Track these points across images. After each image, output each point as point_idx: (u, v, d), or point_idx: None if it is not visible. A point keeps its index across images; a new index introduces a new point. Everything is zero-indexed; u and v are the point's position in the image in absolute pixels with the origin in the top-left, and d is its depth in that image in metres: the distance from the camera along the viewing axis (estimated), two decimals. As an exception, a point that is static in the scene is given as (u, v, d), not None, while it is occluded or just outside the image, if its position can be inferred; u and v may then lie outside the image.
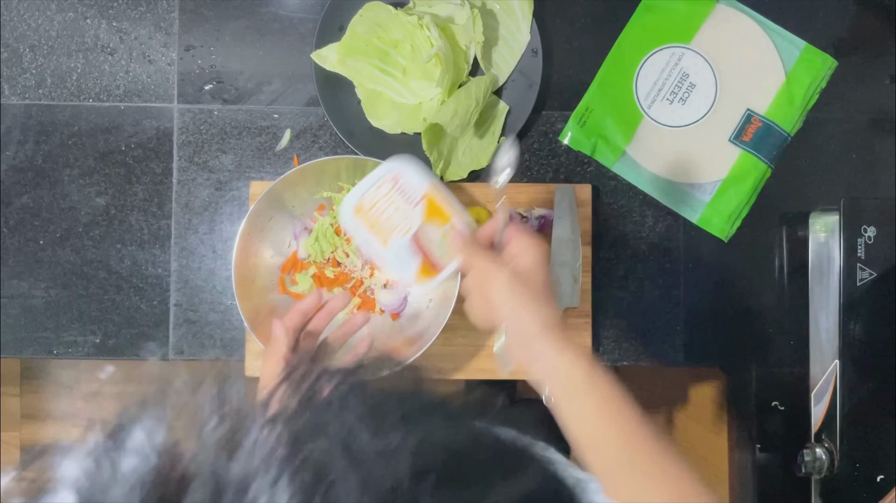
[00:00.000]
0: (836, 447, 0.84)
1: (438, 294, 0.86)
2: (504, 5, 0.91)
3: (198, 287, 0.93)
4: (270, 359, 0.72)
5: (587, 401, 0.60)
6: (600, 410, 0.60)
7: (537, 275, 0.64)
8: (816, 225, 0.89)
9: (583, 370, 0.60)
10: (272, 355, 0.71)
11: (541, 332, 0.62)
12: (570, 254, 0.91)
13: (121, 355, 0.92)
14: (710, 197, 0.93)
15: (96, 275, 0.93)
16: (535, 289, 0.64)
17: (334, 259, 0.88)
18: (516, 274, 0.64)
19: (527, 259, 0.65)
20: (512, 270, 0.64)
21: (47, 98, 0.93)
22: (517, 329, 0.64)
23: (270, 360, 0.72)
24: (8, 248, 0.92)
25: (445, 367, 0.91)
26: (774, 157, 0.93)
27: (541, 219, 0.89)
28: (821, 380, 0.87)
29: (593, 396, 0.60)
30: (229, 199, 0.93)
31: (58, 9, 0.93)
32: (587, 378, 0.60)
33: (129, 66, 0.94)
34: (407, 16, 0.87)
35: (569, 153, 0.94)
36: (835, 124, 0.95)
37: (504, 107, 0.92)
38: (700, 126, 0.93)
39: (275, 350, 0.71)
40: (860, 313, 0.83)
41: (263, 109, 0.94)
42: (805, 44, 0.94)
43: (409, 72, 0.90)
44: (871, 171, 0.94)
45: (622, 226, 0.94)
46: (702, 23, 0.94)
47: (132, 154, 0.93)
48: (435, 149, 0.88)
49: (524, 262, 0.65)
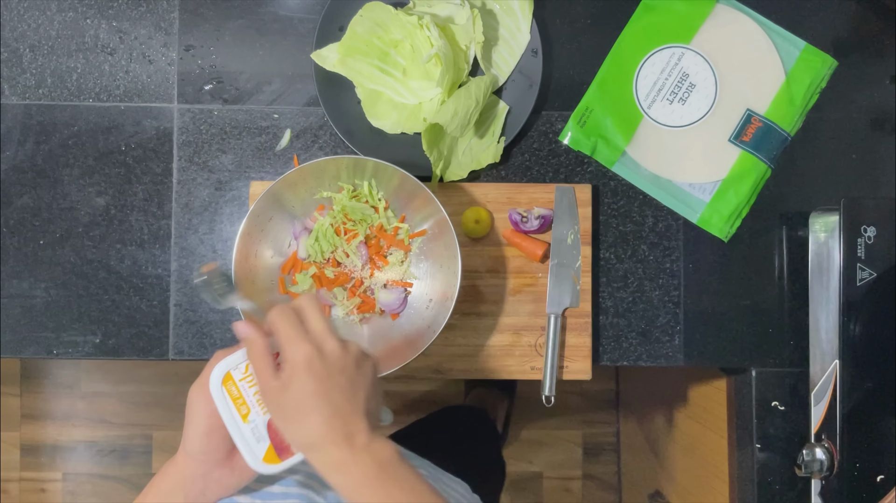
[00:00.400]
0: (836, 447, 0.84)
1: (438, 294, 0.86)
2: (504, 5, 0.91)
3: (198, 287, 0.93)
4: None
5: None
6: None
7: (297, 389, 0.59)
8: (816, 225, 0.89)
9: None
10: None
11: (325, 459, 0.59)
12: (570, 255, 0.91)
13: (121, 355, 0.92)
14: (710, 197, 0.93)
15: (96, 275, 0.93)
16: (283, 412, 0.60)
17: (334, 259, 0.88)
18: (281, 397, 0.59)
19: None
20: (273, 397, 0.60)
21: (47, 98, 0.93)
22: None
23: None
24: (8, 248, 0.92)
25: (445, 367, 0.91)
26: (774, 157, 0.93)
27: (541, 219, 0.89)
28: (821, 380, 0.87)
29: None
30: (229, 199, 0.93)
31: (58, 9, 0.94)
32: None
33: (129, 66, 0.94)
34: (407, 16, 0.87)
35: (569, 153, 0.94)
36: (835, 124, 0.95)
37: (504, 107, 0.92)
38: (700, 126, 0.93)
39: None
40: (860, 313, 0.83)
41: (263, 109, 0.94)
42: (805, 44, 0.94)
43: (409, 72, 0.90)
44: (871, 171, 0.94)
45: (622, 226, 0.94)
46: (702, 23, 0.94)
47: (132, 154, 0.93)
48: (435, 149, 0.88)
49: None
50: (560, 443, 1.92)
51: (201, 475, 0.64)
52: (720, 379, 1.02)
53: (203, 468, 0.64)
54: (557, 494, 1.91)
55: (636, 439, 1.70)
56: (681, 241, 0.94)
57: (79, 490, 1.94)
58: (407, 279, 0.89)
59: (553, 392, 0.89)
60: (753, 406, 0.92)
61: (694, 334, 0.93)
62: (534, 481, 1.91)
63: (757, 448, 0.92)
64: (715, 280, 0.93)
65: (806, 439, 0.90)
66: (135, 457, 1.94)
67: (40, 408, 1.94)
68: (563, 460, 1.91)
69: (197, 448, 0.63)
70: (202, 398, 0.63)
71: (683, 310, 0.93)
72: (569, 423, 1.91)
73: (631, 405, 1.77)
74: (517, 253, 0.92)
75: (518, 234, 0.91)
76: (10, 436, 1.94)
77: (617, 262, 0.93)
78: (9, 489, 1.92)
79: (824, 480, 0.86)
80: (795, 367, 0.92)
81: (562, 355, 0.91)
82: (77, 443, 1.94)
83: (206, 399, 0.63)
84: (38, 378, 1.94)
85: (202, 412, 0.63)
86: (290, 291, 0.88)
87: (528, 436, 1.91)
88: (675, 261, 0.93)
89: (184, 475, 0.64)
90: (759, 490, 0.92)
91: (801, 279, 0.91)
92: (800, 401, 0.91)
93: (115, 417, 1.94)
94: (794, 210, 0.93)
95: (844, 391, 0.83)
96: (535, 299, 0.91)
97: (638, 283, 0.93)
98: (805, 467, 0.85)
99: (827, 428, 0.85)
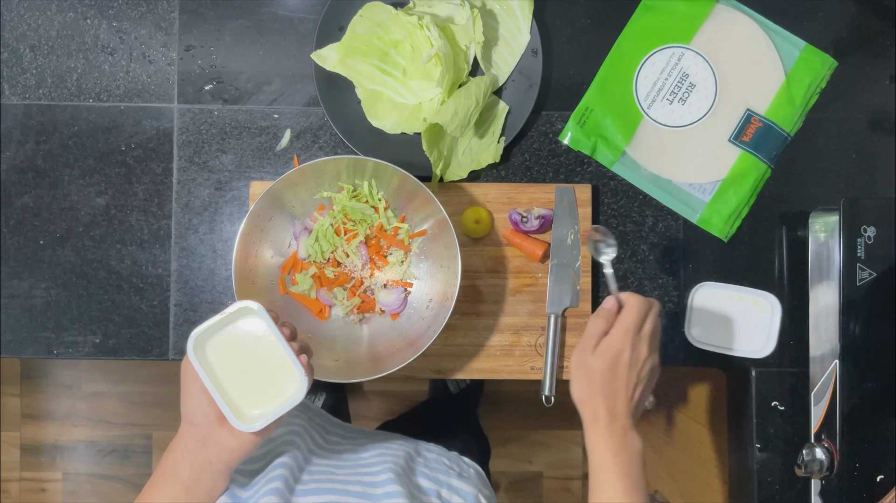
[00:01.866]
0: (835, 447, 0.84)
1: (438, 294, 0.86)
2: (504, 5, 0.91)
3: (198, 287, 0.93)
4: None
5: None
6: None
7: (599, 364, 0.72)
8: (816, 225, 0.89)
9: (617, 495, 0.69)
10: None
11: (591, 426, 0.72)
12: (570, 255, 0.91)
13: (121, 355, 0.92)
14: (709, 197, 0.93)
15: (96, 275, 0.93)
16: (597, 380, 0.72)
17: (334, 259, 0.88)
18: (587, 363, 0.73)
19: (601, 345, 0.74)
20: (582, 358, 0.74)
21: (47, 98, 0.93)
22: (582, 414, 0.74)
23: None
24: (8, 248, 0.92)
25: (445, 367, 0.91)
26: (774, 157, 0.93)
27: (541, 219, 0.89)
28: (821, 380, 0.87)
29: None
30: (229, 199, 0.93)
31: (58, 9, 0.94)
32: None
33: (129, 66, 0.94)
34: (407, 16, 0.87)
35: (569, 153, 0.94)
36: (835, 124, 0.95)
37: (504, 107, 0.92)
38: (700, 126, 0.93)
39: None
40: (860, 313, 0.83)
41: (263, 109, 0.94)
42: (805, 44, 0.94)
43: (409, 72, 0.90)
44: (871, 171, 0.94)
45: (622, 226, 0.94)
46: (702, 23, 0.94)
47: (132, 154, 0.93)
48: (435, 149, 0.88)
49: (600, 348, 0.74)
50: (560, 443, 1.92)
51: (202, 439, 0.66)
52: (720, 379, 1.02)
53: (204, 430, 0.66)
54: (557, 494, 1.91)
55: (636, 439, 1.70)
56: (681, 240, 0.94)
57: (79, 490, 1.94)
58: (407, 279, 0.89)
59: (553, 392, 0.89)
60: (753, 406, 0.92)
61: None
62: (534, 481, 1.91)
63: (757, 448, 0.92)
64: (715, 280, 0.93)
65: (806, 439, 0.90)
66: (135, 457, 1.94)
67: (40, 408, 1.94)
68: (563, 460, 1.91)
69: (195, 410, 0.66)
70: (190, 368, 0.66)
71: (683, 310, 0.93)
72: (569, 423, 1.91)
73: (631, 405, 1.77)
74: (517, 253, 0.92)
75: (518, 234, 0.91)
76: (10, 436, 1.94)
77: (617, 262, 0.93)
78: (9, 489, 1.92)
79: (824, 480, 0.86)
80: (795, 367, 0.92)
81: (562, 355, 0.91)
82: (77, 443, 1.94)
83: (193, 368, 0.66)
84: (38, 378, 1.94)
85: (193, 380, 0.66)
86: (290, 291, 0.88)
87: (528, 436, 1.91)
88: (675, 262, 0.93)
89: (186, 444, 0.66)
90: (759, 490, 0.92)
91: (801, 279, 0.91)
92: (800, 401, 0.91)
93: (115, 417, 1.94)
94: (794, 210, 0.93)
95: (844, 391, 0.83)
96: (535, 299, 0.91)
97: (638, 283, 0.93)
98: (805, 467, 0.85)
99: (827, 428, 0.85)
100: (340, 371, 0.83)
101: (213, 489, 0.67)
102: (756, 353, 0.91)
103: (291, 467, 0.73)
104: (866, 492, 0.83)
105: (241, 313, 0.68)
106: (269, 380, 0.68)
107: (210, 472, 0.66)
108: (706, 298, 0.91)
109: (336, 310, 0.89)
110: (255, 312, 0.67)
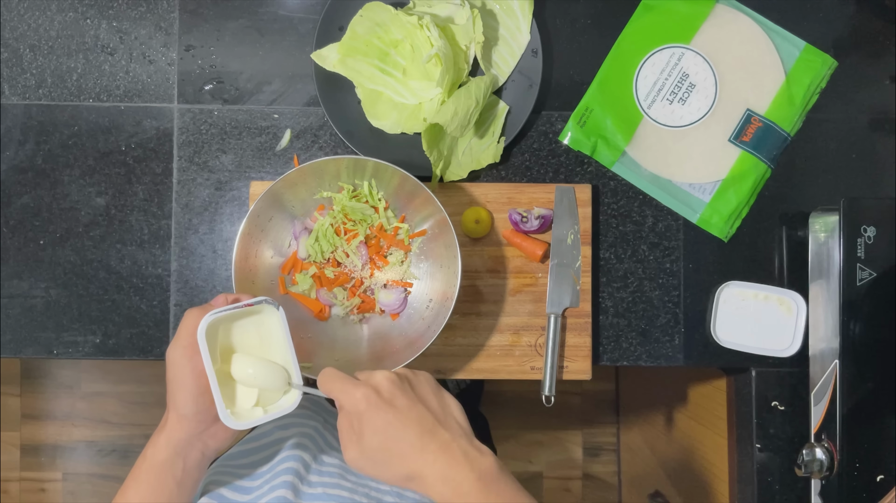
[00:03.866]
0: (835, 447, 0.84)
1: (438, 294, 0.86)
2: (504, 5, 0.91)
3: (198, 287, 0.93)
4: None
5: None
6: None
7: (370, 434, 0.58)
8: (816, 225, 0.89)
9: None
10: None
11: (432, 486, 0.57)
12: (570, 255, 0.91)
13: (121, 355, 0.92)
14: (709, 197, 0.93)
15: (96, 275, 0.93)
16: (373, 460, 0.58)
17: (334, 259, 0.88)
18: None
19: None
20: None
21: (47, 98, 0.93)
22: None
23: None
24: (8, 247, 0.92)
25: (445, 367, 0.91)
26: (774, 157, 0.93)
27: (541, 219, 0.89)
28: (821, 380, 0.87)
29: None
30: (229, 199, 0.93)
31: (58, 9, 0.94)
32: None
33: (129, 66, 0.94)
34: (407, 16, 0.87)
35: (569, 153, 0.94)
36: (835, 124, 0.95)
37: (504, 107, 0.92)
38: (700, 126, 0.93)
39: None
40: (860, 313, 0.83)
41: (263, 109, 0.94)
42: (805, 44, 0.94)
43: (409, 72, 0.90)
44: (871, 171, 0.94)
45: (622, 226, 0.94)
46: (702, 23, 0.94)
47: (132, 154, 0.93)
48: (435, 149, 0.88)
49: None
50: (560, 443, 1.92)
51: (198, 435, 0.64)
52: (720, 379, 1.02)
53: (200, 427, 0.64)
54: (557, 494, 1.91)
55: (636, 439, 1.70)
56: (681, 240, 0.94)
57: (79, 490, 1.94)
58: (407, 279, 0.89)
59: (553, 392, 0.89)
60: (753, 406, 0.92)
61: (694, 334, 0.93)
62: (534, 481, 1.91)
63: (757, 448, 0.92)
64: (715, 280, 0.93)
65: (806, 439, 0.90)
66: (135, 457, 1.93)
67: (40, 408, 1.94)
68: (563, 460, 1.92)
69: (192, 408, 0.63)
70: (184, 358, 0.63)
71: (683, 310, 0.93)
72: (569, 423, 1.91)
73: (631, 405, 1.77)
74: (517, 253, 0.92)
75: (518, 234, 0.91)
76: (10, 436, 1.94)
77: (617, 262, 0.93)
78: (9, 489, 1.92)
79: (824, 480, 0.86)
80: (795, 367, 0.92)
81: (562, 355, 0.91)
82: (77, 443, 1.94)
83: (188, 357, 0.62)
84: (38, 378, 1.94)
85: (188, 372, 0.63)
86: (290, 291, 0.88)
87: (528, 436, 1.91)
88: (675, 262, 0.94)
89: (178, 439, 0.64)
90: (759, 490, 0.92)
91: (801, 279, 0.91)
92: (800, 401, 0.91)
93: (115, 417, 1.94)
94: (794, 210, 0.93)
95: (844, 391, 0.83)
96: (535, 299, 0.91)
97: (638, 283, 0.93)
98: (805, 467, 0.85)
99: (827, 428, 0.85)
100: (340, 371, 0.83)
101: (199, 479, 0.66)
102: (782, 353, 0.91)
103: (298, 470, 0.72)
104: (866, 492, 0.83)
105: (258, 309, 0.67)
106: (267, 379, 0.67)
107: (202, 464, 0.66)
108: (731, 298, 0.91)
109: (336, 310, 0.89)
110: (275, 312, 0.67)
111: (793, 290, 0.91)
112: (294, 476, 0.71)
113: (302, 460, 0.74)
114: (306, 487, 0.71)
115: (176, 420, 0.64)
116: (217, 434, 0.65)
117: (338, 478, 0.73)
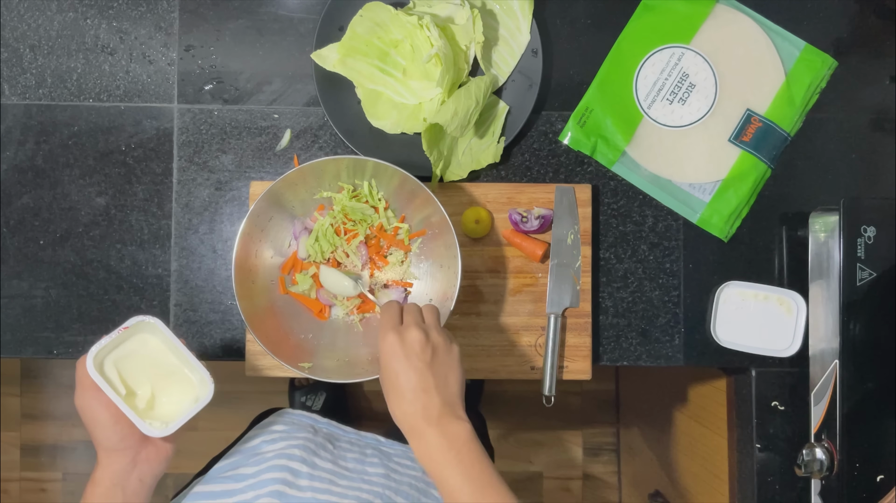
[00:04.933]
0: (835, 447, 0.84)
1: (438, 294, 0.86)
2: (504, 5, 0.91)
3: (198, 287, 0.93)
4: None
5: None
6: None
7: (386, 371, 0.69)
8: (816, 225, 0.89)
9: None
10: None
11: (408, 431, 0.67)
12: (570, 255, 0.91)
13: (121, 355, 0.92)
14: (709, 197, 0.93)
15: (96, 275, 0.93)
16: (385, 390, 0.69)
17: (334, 259, 0.88)
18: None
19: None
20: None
21: (47, 98, 0.93)
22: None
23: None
24: (8, 248, 0.92)
25: (445, 367, 0.91)
26: (774, 157, 0.93)
27: (541, 219, 0.89)
28: (821, 380, 0.87)
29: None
30: (229, 199, 0.93)
31: (58, 9, 0.94)
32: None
33: (129, 66, 0.94)
34: (407, 16, 0.87)
35: (569, 153, 0.94)
36: (835, 124, 0.95)
37: (504, 107, 0.92)
38: (700, 126, 0.93)
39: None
40: (860, 313, 0.83)
41: (263, 109, 0.94)
42: (805, 44, 0.94)
43: (409, 72, 0.90)
44: (871, 171, 0.94)
45: (622, 226, 0.94)
46: (702, 23, 0.94)
47: (132, 154, 0.93)
48: (435, 149, 0.88)
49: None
50: (560, 443, 1.92)
51: (130, 462, 0.67)
52: (720, 379, 1.02)
53: (130, 454, 0.67)
54: (557, 494, 1.91)
55: (636, 439, 1.70)
56: (681, 240, 0.94)
57: (79, 490, 1.94)
58: (407, 279, 0.89)
59: (553, 392, 0.89)
60: (753, 406, 0.92)
61: (694, 334, 0.93)
62: (534, 481, 1.91)
63: (757, 448, 0.92)
64: (715, 280, 0.93)
65: (806, 439, 0.90)
66: (135, 457, 1.94)
67: (40, 408, 1.94)
68: (563, 460, 1.91)
69: (114, 439, 0.66)
70: (89, 398, 0.66)
71: (683, 310, 0.93)
72: (569, 423, 1.91)
73: (631, 405, 1.77)
74: (517, 253, 0.92)
75: (518, 234, 0.91)
76: (10, 436, 1.94)
77: (617, 262, 0.93)
78: (9, 489, 1.92)
79: (824, 480, 0.86)
80: (795, 367, 0.92)
81: (562, 355, 0.91)
82: (77, 443, 1.94)
83: (92, 397, 0.66)
84: (38, 378, 1.94)
85: (98, 409, 0.66)
86: (290, 291, 0.88)
87: (528, 436, 1.91)
88: (675, 262, 0.94)
89: (114, 472, 0.67)
90: (759, 490, 0.92)
91: (801, 279, 0.91)
92: (800, 401, 0.91)
93: (115, 417, 1.94)
94: (794, 210, 0.93)
95: (844, 391, 0.83)
96: (535, 299, 0.91)
97: (638, 283, 0.93)
98: (805, 467, 0.85)
99: (827, 428, 0.85)
100: (340, 371, 0.83)
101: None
102: (782, 353, 0.91)
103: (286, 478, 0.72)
104: (866, 492, 0.83)
105: (137, 329, 0.70)
106: (175, 387, 0.70)
107: (142, 490, 0.68)
108: (731, 298, 0.91)
109: (336, 310, 0.89)
110: (153, 327, 0.69)
111: (793, 290, 0.91)
112: (282, 484, 0.71)
113: (289, 468, 0.73)
114: (295, 491, 0.71)
115: (105, 455, 0.67)
116: (150, 458, 0.68)
117: (328, 482, 0.73)
